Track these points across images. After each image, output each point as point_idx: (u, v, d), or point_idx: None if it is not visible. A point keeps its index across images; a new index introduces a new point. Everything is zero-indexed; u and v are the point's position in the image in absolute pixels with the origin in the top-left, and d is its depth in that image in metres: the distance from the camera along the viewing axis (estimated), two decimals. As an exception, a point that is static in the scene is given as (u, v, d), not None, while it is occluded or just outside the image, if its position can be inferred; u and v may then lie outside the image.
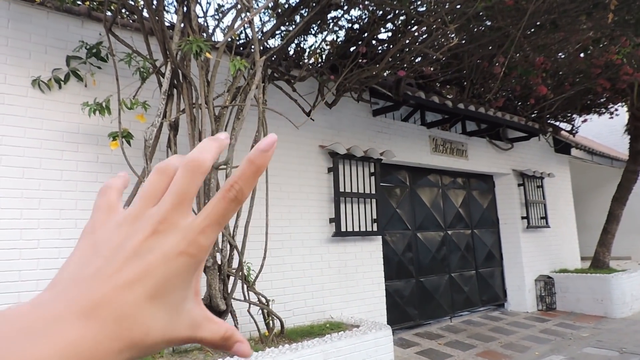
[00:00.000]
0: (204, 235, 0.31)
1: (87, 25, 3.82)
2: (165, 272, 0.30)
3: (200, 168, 0.33)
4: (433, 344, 5.75)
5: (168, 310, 0.30)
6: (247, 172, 0.32)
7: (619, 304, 7.15)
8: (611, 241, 8.40)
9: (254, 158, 0.33)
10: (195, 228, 0.31)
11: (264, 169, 0.33)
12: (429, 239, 7.00)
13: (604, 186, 11.48)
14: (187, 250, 0.30)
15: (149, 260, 0.30)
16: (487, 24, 5.49)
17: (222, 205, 0.32)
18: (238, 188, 0.32)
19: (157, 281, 0.30)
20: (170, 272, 0.30)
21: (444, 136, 6.95)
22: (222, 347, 0.34)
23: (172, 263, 0.30)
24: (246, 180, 0.32)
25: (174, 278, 0.30)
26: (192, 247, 0.31)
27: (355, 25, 5.42)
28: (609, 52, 6.21)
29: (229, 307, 3.46)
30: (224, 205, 0.32)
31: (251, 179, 0.32)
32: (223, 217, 0.32)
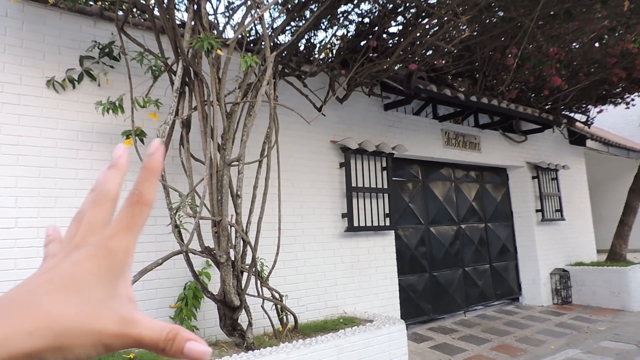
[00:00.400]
0: (113, 240, 0.34)
1: (100, 25, 3.86)
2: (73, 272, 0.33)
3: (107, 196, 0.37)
4: (447, 338, 5.74)
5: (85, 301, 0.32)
6: (141, 176, 0.36)
7: (636, 296, 7.06)
8: (628, 233, 8.28)
9: (144, 162, 0.37)
10: (105, 236, 0.34)
11: (157, 171, 0.37)
12: (442, 233, 6.97)
13: (620, 178, 11.31)
14: (96, 254, 0.34)
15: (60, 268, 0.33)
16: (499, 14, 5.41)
17: (127, 211, 0.35)
18: (137, 192, 0.36)
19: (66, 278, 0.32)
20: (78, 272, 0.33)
21: (456, 129, 6.90)
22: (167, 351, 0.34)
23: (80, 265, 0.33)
24: (142, 183, 0.36)
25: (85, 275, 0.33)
26: (101, 250, 0.34)
27: (365, 19, 5.38)
28: (624, 40, 6.10)
29: (243, 303, 3.48)
30: (130, 210, 0.35)
31: (147, 181, 0.36)
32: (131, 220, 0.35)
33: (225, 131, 3.50)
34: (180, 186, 3.66)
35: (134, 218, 0.35)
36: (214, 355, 3.47)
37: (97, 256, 0.33)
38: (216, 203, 3.36)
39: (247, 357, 3.24)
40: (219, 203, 3.35)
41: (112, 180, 0.38)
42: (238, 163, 3.45)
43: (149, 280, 3.67)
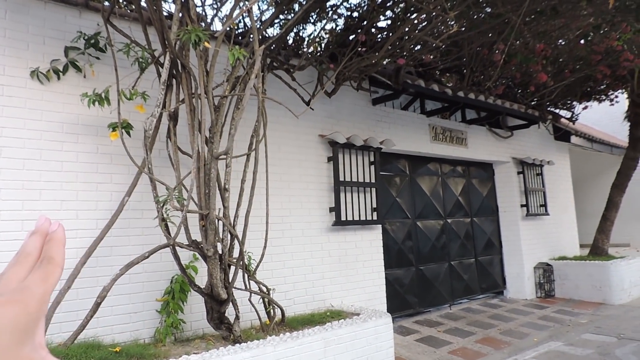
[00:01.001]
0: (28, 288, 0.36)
1: (85, 16, 3.80)
2: None
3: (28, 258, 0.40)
4: (433, 331, 5.81)
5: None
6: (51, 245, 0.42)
7: (617, 290, 7.20)
8: (610, 228, 8.44)
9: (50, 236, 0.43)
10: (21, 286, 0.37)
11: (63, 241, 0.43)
12: (428, 227, 7.03)
13: (603, 173, 11.50)
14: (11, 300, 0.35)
15: None
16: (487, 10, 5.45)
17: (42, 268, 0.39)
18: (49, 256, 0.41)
19: None
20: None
21: (443, 124, 6.95)
22: None
23: None
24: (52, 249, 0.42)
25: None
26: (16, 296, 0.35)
27: (354, 14, 5.38)
28: (609, 38, 6.18)
29: (230, 296, 3.49)
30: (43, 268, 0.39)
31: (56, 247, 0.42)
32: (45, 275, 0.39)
33: (213, 124, 3.48)
34: (167, 179, 3.64)
35: (47, 274, 0.38)
36: (201, 348, 3.47)
37: (11, 302, 0.34)
38: (204, 196, 3.35)
39: (234, 350, 3.24)
40: (207, 196, 3.34)
41: (34, 244, 0.41)
42: (226, 156, 3.44)
43: (135, 273, 3.65)
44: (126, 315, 3.69)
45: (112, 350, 3.14)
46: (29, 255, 0.41)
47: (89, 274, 3.45)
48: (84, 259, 3.21)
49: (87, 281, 3.46)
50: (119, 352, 3.13)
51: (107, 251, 3.60)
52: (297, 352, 3.52)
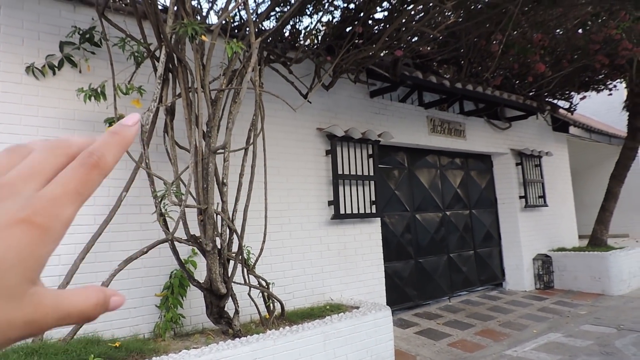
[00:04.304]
0: (57, 203, 0.27)
1: (80, 10, 3.77)
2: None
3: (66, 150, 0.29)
4: (432, 323, 5.82)
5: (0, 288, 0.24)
6: (110, 141, 0.30)
7: (616, 281, 7.22)
8: (609, 219, 8.45)
9: (118, 129, 0.30)
10: (47, 195, 0.26)
11: (128, 142, 0.31)
12: (427, 220, 7.03)
13: (602, 164, 11.51)
14: (32, 219, 0.25)
15: None
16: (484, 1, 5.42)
17: (82, 171, 0.28)
18: (99, 154, 0.29)
19: None
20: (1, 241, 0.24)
21: (441, 116, 6.93)
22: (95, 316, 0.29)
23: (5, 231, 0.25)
24: (108, 147, 0.29)
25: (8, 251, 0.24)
26: (41, 216, 0.26)
27: (350, 5, 5.34)
28: (608, 27, 6.15)
29: (230, 291, 3.48)
30: (85, 171, 0.28)
31: (114, 147, 0.30)
32: (84, 186, 0.28)
33: (210, 118, 3.46)
34: (165, 174, 3.62)
35: (86, 183, 0.28)
36: (200, 343, 3.48)
37: (33, 222, 0.25)
38: (202, 191, 3.33)
39: (233, 344, 3.24)
40: (205, 191, 3.33)
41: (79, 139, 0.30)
42: (224, 151, 3.42)
43: (134, 269, 3.64)
44: (125, 311, 3.69)
45: (112, 345, 3.13)
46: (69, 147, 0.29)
47: (88, 270, 3.45)
48: (82, 255, 3.21)
49: (85, 277, 3.46)
50: (119, 347, 3.13)
51: (106, 247, 3.59)
52: (297, 346, 3.53)
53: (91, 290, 0.29)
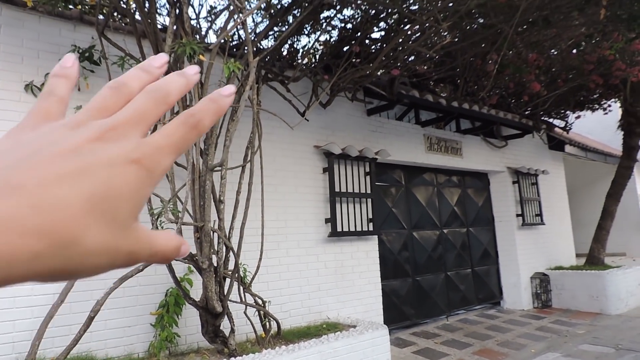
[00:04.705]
0: (162, 152, 0.29)
1: (80, 29, 3.81)
2: (109, 177, 0.26)
3: (167, 98, 0.31)
4: (430, 343, 5.77)
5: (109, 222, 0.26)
6: (208, 106, 0.31)
7: (614, 300, 7.19)
8: (606, 237, 8.45)
9: (215, 97, 0.32)
10: (153, 143, 0.28)
11: (223, 111, 0.32)
12: (425, 237, 7.02)
13: (598, 182, 11.55)
14: (142, 161, 0.27)
15: (90, 160, 0.26)
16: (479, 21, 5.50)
17: (184, 129, 0.30)
18: (198, 117, 0.30)
19: (98, 185, 0.25)
20: (115, 180, 0.26)
21: (438, 134, 6.97)
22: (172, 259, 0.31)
23: (119, 169, 0.26)
24: (207, 113, 0.31)
25: (121, 187, 0.26)
26: (148, 160, 0.28)
27: (348, 25, 5.42)
28: (601, 47, 6.25)
29: (225, 309, 3.45)
30: (186, 129, 0.30)
31: (212, 114, 0.31)
32: (183, 141, 0.30)
33: (208, 136, 3.48)
34: (162, 191, 3.62)
35: (185, 139, 0.30)
36: (195, 362, 3.43)
37: (142, 164, 0.27)
38: (198, 208, 3.33)
39: (229, 364, 3.20)
40: (202, 208, 3.32)
41: (178, 87, 0.32)
42: (221, 168, 3.43)
43: (129, 287, 3.61)
44: (120, 330, 3.65)
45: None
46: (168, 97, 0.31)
47: (83, 288, 3.42)
48: (77, 273, 3.17)
49: (80, 295, 3.43)
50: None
51: (101, 264, 3.56)
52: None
53: (172, 234, 0.31)
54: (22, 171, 0.24)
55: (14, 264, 0.23)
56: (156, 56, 0.33)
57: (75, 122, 0.28)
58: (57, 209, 0.24)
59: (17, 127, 0.29)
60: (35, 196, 0.24)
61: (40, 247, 0.23)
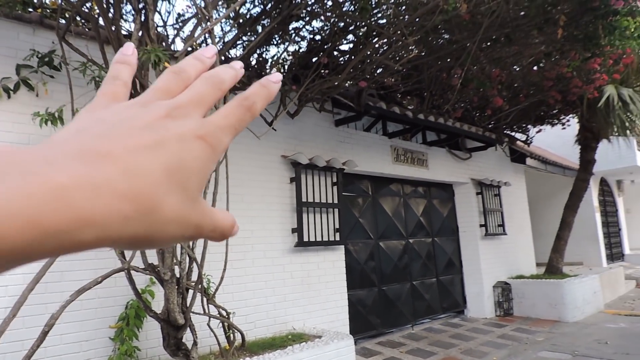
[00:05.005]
0: (223, 131, 0.30)
1: (39, 33, 3.70)
2: (181, 150, 0.28)
3: (222, 85, 0.33)
4: (395, 352, 5.81)
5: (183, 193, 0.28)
6: (260, 91, 0.33)
7: (571, 308, 7.43)
8: (564, 247, 8.75)
9: (265, 83, 0.34)
10: (215, 122, 0.30)
11: (272, 96, 0.34)
12: (391, 247, 7.09)
13: (557, 194, 11.95)
14: (206, 138, 0.29)
15: (163, 134, 0.28)
16: (445, 37, 5.65)
17: (240, 110, 0.32)
18: (251, 100, 0.32)
19: (173, 156, 0.27)
20: (186, 153, 0.28)
21: (405, 146, 7.08)
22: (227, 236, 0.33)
23: (188, 144, 0.28)
24: (259, 97, 0.33)
25: (190, 160, 0.28)
26: (212, 137, 0.30)
27: (317, 36, 5.46)
28: (560, 65, 6.50)
29: (188, 321, 3.38)
30: (241, 111, 0.32)
31: (263, 98, 0.33)
32: (239, 122, 0.32)
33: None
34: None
35: (241, 121, 0.32)
36: (156, 377, 3.35)
37: (206, 140, 0.29)
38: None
39: (190, 378, 3.13)
40: (164, 219, 3.25)
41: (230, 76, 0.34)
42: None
43: (87, 299, 3.49)
44: (76, 344, 3.52)
45: None
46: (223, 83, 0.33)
47: (37, 301, 3.29)
48: (31, 285, 3.06)
49: (34, 309, 3.29)
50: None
51: (58, 276, 3.45)
52: (257, 378, 3.44)
53: (228, 213, 0.33)
54: (108, 141, 0.26)
55: (108, 226, 0.24)
56: (207, 47, 0.36)
57: (144, 101, 0.31)
58: (142, 175, 0.26)
59: (89, 107, 0.31)
60: (124, 163, 0.25)
61: (130, 210, 0.25)
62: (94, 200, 0.23)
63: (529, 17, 5.18)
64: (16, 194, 0.21)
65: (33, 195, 0.22)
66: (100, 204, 0.23)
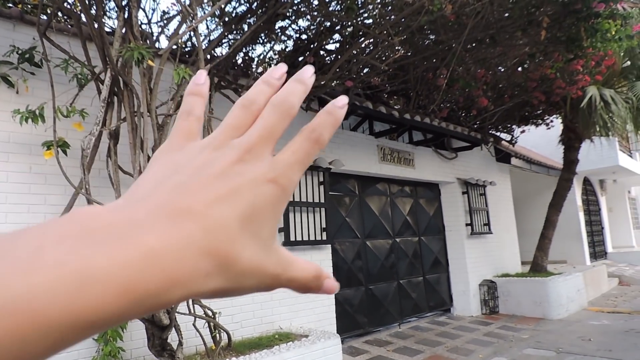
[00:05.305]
0: (292, 169, 0.30)
1: (20, 29, 3.63)
2: (254, 197, 0.28)
3: (292, 110, 0.32)
4: (382, 350, 5.82)
5: (258, 242, 0.28)
6: (326, 120, 0.32)
7: (555, 306, 7.52)
8: (548, 246, 8.85)
9: (331, 110, 0.32)
10: (284, 161, 0.30)
11: (339, 123, 0.33)
12: (377, 246, 7.10)
13: (541, 194, 12.10)
14: (277, 180, 0.29)
15: (238, 181, 0.28)
16: (430, 37, 5.69)
17: (307, 145, 0.31)
18: (319, 132, 0.31)
19: (247, 204, 0.27)
20: (259, 199, 0.28)
21: (391, 145, 7.10)
22: (312, 288, 0.32)
23: (261, 189, 0.28)
24: (325, 127, 0.32)
25: (263, 206, 0.28)
26: (282, 178, 0.29)
27: (303, 36, 5.46)
28: (543, 66, 6.58)
29: (173, 322, 3.35)
30: (309, 145, 0.31)
31: (330, 127, 0.32)
32: (307, 156, 0.31)
33: (157, 143, 3.38)
34: (107, 200, 3.49)
35: (310, 154, 0.31)
36: (140, 378, 3.31)
37: (277, 183, 0.29)
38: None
39: (175, 378, 3.10)
40: (148, 218, 3.22)
41: (299, 96, 0.32)
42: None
43: (70, 300, 3.44)
44: (59, 345, 3.46)
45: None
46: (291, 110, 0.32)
47: (18, 302, 3.22)
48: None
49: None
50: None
51: (39, 277, 3.38)
52: (243, 378, 3.42)
53: (309, 262, 0.32)
54: (187, 194, 0.26)
55: (193, 284, 0.24)
56: (276, 67, 0.34)
57: (217, 144, 0.30)
58: (221, 229, 0.26)
59: (164, 148, 0.31)
60: (203, 218, 0.25)
61: (210, 266, 0.25)
62: (181, 261, 0.24)
63: (513, 18, 5.23)
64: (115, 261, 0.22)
65: (129, 261, 0.22)
66: (186, 264, 0.24)
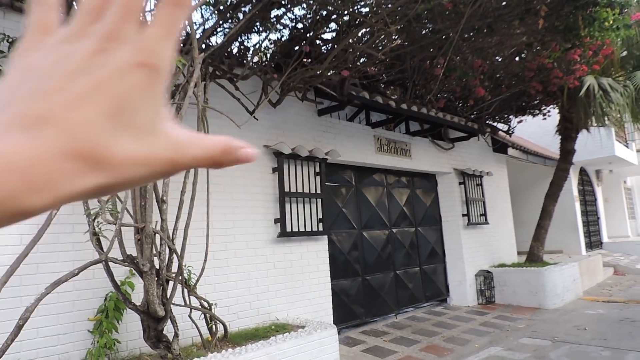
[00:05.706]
0: (161, 44, 0.27)
1: (10, 17, 3.57)
2: (120, 87, 0.26)
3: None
4: (379, 341, 5.84)
5: (133, 131, 0.26)
6: None
7: (551, 295, 7.56)
8: (544, 236, 8.88)
9: None
10: (150, 38, 0.27)
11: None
12: (374, 237, 7.10)
13: (538, 184, 12.11)
14: (147, 62, 0.26)
15: (100, 75, 0.26)
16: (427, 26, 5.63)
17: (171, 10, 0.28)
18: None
19: (113, 97, 0.25)
20: (127, 87, 0.26)
21: (388, 136, 7.07)
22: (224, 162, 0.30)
23: (128, 77, 0.26)
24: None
25: (134, 94, 0.26)
26: (152, 57, 0.27)
27: (299, 25, 5.39)
28: (541, 56, 6.55)
29: (168, 313, 3.34)
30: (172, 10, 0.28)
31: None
32: (174, 24, 0.28)
33: (150, 134, 3.34)
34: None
35: (175, 22, 0.28)
36: (136, 369, 3.30)
37: (147, 65, 0.26)
38: (139, 209, 3.20)
39: (171, 369, 3.10)
40: (143, 209, 3.19)
41: None
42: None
43: (64, 292, 3.42)
44: (54, 337, 3.45)
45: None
46: None
47: (12, 294, 3.20)
48: (5, 278, 2.97)
49: (9, 302, 3.21)
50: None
51: (33, 269, 3.36)
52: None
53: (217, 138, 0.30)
54: (45, 99, 0.25)
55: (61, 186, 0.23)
56: None
57: (73, 35, 0.27)
58: (83, 129, 0.24)
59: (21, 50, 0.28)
60: (62, 122, 0.24)
61: (78, 167, 0.24)
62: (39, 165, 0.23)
63: (511, 7, 5.18)
64: None
65: None
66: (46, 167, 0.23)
